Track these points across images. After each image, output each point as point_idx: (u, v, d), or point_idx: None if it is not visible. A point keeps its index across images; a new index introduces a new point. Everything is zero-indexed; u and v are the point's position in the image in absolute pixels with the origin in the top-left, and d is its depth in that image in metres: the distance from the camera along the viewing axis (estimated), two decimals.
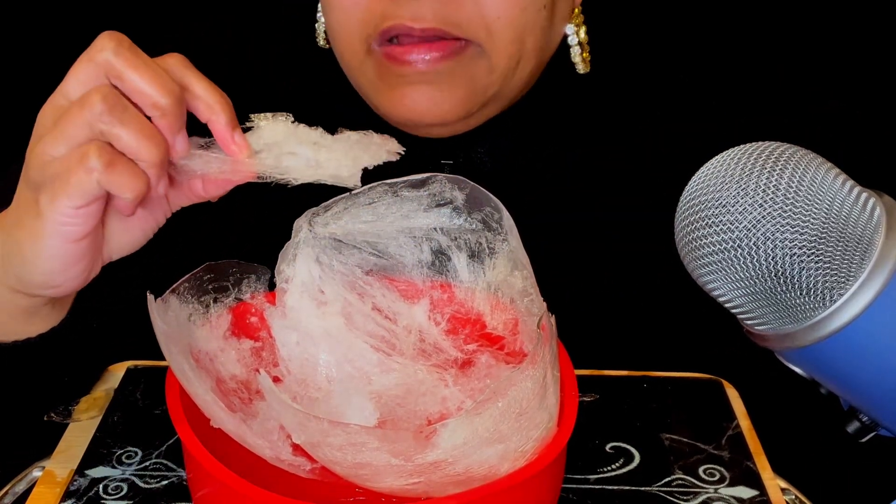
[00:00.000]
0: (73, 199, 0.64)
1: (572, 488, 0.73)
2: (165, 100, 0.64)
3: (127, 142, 0.63)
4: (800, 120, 0.93)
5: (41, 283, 0.69)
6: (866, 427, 0.63)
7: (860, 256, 0.58)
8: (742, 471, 0.75)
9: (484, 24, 0.81)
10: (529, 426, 0.62)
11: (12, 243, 0.68)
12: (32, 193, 0.66)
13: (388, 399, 0.73)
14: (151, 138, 0.64)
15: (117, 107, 0.63)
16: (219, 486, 0.62)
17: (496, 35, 0.81)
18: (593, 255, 0.91)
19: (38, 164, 0.65)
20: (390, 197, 0.73)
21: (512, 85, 0.86)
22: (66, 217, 0.65)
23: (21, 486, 0.76)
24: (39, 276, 0.68)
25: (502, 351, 0.74)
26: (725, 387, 0.83)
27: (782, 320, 0.60)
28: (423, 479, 0.61)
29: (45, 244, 0.66)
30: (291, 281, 0.74)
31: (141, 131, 0.63)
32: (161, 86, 0.64)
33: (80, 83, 0.65)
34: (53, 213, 0.64)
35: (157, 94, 0.64)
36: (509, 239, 0.72)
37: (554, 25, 0.86)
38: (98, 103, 0.63)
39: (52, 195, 0.64)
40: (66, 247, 0.66)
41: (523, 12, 0.81)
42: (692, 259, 0.61)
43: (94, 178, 0.63)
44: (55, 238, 0.66)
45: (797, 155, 0.60)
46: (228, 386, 0.71)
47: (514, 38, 0.82)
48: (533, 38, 0.84)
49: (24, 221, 0.67)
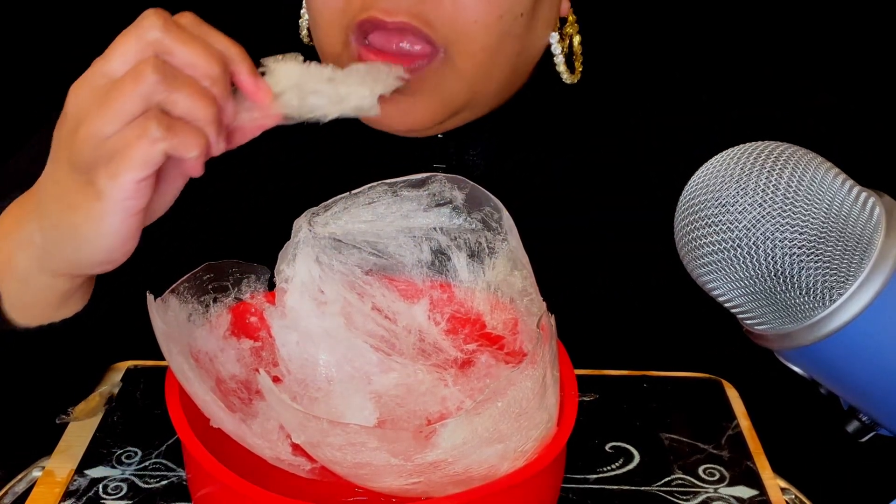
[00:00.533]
0: (137, 173, 0.65)
1: (572, 488, 0.73)
2: (216, 69, 0.66)
3: (184, 106, 0.65)
4: (790, 114, 0.92)
5: (101, 260, 0.69)
6: (866, 427, 0.63)
7: (860, 256, 0.58)
8: (742, 470, 0.75)
9: (456, 27, 0.79)
10: (529, 426, 0.62)
11: (66, 228, 0.68)
12: (82, 176, 0.66)
13: (387, 399, 0.73)
14: (205, 97, 0.66)
15: (169, 75, 0.64)
16: (219, 486, 0.62)
17: (467, 40, 0.80)
18: (593, 255, 0.91)
19: (89, 146, 0.65)
20: (390, 196, 0.73)
21: (485, 92, 0.84)
22: (128, 192, 0.65)
23: (21, 485, 0.76)
24: (100, 254, 0.69)
25: (502, 351, 0.74)
26: (725, 386, 0.83)
27: (782, 320, 0.60)
28: (423, 478, 0.61)
29: (108, 222, 0.66)
30: (291, 281, 0.74)
31: (195, 93, 0.65)
32: (210, 56, 0.66)
33: (125, 61, 0.65)
34: (116, 189, 0.65)
35: (209, 65, 0.66)
36: (509, 238, 0.72)
37: (534, 32, 0.84)
38: (151, 74, 0.64)
39: (113, 173, 0.65)
40: (129, 221, 0.67)
41: (500, 19, 0.80)
42: (692, 259, 0.61)
43: (159, 147, 0.64)
44: (118, 215, 0.66)
45: (797, 154, 0.59)
46: (228, 386, 0.71)
47: (485, 44, 0.80)
48: (507, 46, 0.82)
49: (80, 205, 0.67)
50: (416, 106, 0.82)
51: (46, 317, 0.74)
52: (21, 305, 0.73)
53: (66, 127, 0.67)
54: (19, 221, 0.72)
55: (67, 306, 0.74)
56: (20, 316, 0.73)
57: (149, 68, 0.64)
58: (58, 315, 0.74)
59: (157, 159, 0.65)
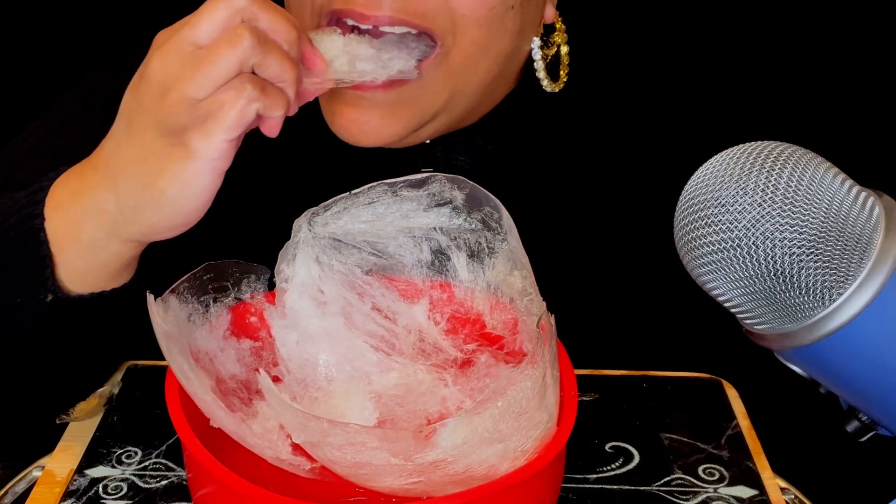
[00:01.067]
0: (231, 132, 0.68)
1: (572, 488, 0.73)
2: (294, 34, 0.70)
3: (274, 68, 0.69)
4: (781, 117, 0.93)
5: (180, 223, 0.72)
6: (866, 426, 0.63)
7: (859, 256, 0.58)
8: (741, 470, 0.75)
9: (450, 17, 0.79)
10: (529, 426, 0.62)
11: (152, 192, 0.70)
12: (172, 139, 0.69)
13: (387, 399, 0.73)
14: (289, 60, 0.70)
15: (262, 39, 0.68)
16: (219, 486, 0.62)
17: (460, 32, 0.79)
18: (592, 256, 0.91)
19: (183, 109, 0.68)
20: (390, 197, 0.73)
21: (466, 91, 0.83)
22: (220, 151, 0.68)
23: (21, 485, 0.76)
24: (181, 216, 0.71)
25: (502, 350, 0.74)
26: (725, 386, 0.83)
27: (781, 320, 0.60)
28: (423, 478, 0.61)
29: (197, 182, 0.69)
30: (291, 281, 0.74)
31: (282, 56, 0.69)
32: (289, 21, 0.70)
33: (213, 29, 0.68)
34: (209, 149, 0.68)
35: (288, 31, 0.70)
36: (509, 238, 0.72)
37: (523, 31, 0.84)
38: (248, 38, 0.67)
39: (207, 133, 0.68)
40: (215, 182, 0.70)
41: (491, 11, 0.79)
42: (691, 258, 0.61)
43: (253, 107, 0.68)
44: (207, 175, 0.69)
45: (796, 154, 0.59)
46: (228, 386, 0.71)
47: (477, 37, 0.80)
48: (499, 42, 0.82)
49: (167, 167, 0.69)
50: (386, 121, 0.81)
51: (100, 285, 0.75)
52: (79, 273, 0.74)
53: (150, 93, 0.69)
54: (83, 193, 0.73)
55: (122, 276, 0.76)
56: (75, 284, 0.74)
57: (245, 32, 0.67)
58: (111, 284, 0.75)
59: (250, 119, 0.68)
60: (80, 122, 0.90)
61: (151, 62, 0.69)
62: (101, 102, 0.89)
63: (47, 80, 1.34)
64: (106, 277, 0.75)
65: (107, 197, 0.72)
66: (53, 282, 0.74)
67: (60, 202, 0.74)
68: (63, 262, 0.74)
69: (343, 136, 0.83)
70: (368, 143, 0.82)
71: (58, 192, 0.74)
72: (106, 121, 0.77)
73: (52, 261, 0.73)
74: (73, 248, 0.73)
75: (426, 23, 0.78)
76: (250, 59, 0.68)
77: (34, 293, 0.74)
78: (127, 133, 0.71)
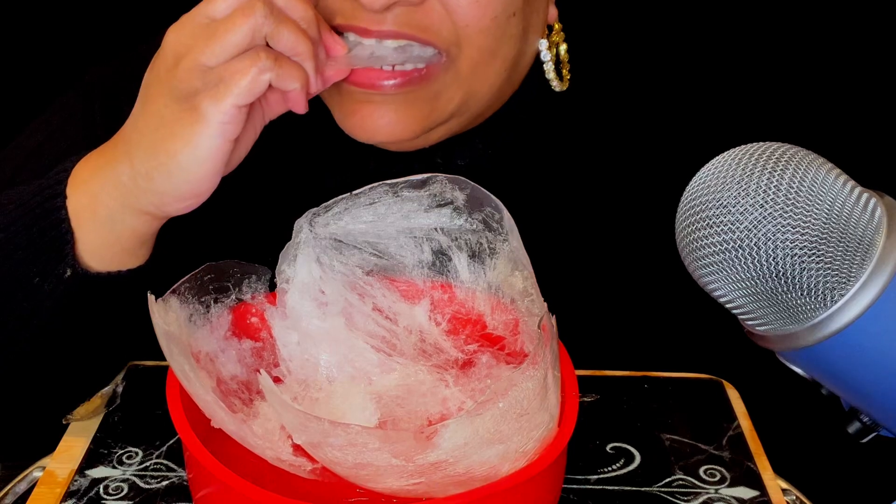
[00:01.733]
0: (241, 98, 0.70)
1: (573, 489, 0.73)
2: (310, 13, 0.74)
3: (287, 40, 0.72)
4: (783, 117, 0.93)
5: (188, 192, 0.73)
6: (867, 428, 0.63)
7: (861, 257, 0.58)
8: (743, 471, 0.75)
9: (453, 29, 0.79)
10: (530, 426, 0.62)
11: (163, 156, 0.72)
12: (184, 104, 0.71)
13: (388, 399, 0.73)
14: (304, 33, 0.73)
15: (275, 10, 0.71)
16: (219, 487, 0.62)
17: (465, 42, 0.79)
18: (593, 257, 0.91)
19: (195, 75, 0.70)
20: (391, 197, 0.73)
21: (477, 95, 0.83)
22: (229, 115, 0.70)
23: (22, 485, 0.76)
24: (191, 184, 0.73)
25: (503, 351, 0.74)
26: (726, 387, 0.83)
27: (783, 321, 0.60)
28: (424, 479, 0.61)
29: (206, 145, 0.71)
30: (292, 281, 0.74)
31: (296, 30, 0.72)
32: (306, 2, 0.73)
33: (229, 5, 0.71)
34: (218, 111, 0.70)
35: (304, 9, 0.73)
36: (510, 239, 0.72)
37: (527, 35, 0.84)
38: (261, 9, 0.70)
39: (216, 97, 0.70)
40: (225, 146, 0.72)
41: (494, 20, 0.79)
42: (693, 259, 0.61)
43: (266, 76, 0.70)
44: (216, 138, 0.71)
45: (798, 155, 0.59)
46: (229, 386, 0.71)
47: (483, 45, 0.80)
48: (505, 48, 0.82)
49: (179, 131, 0.71)
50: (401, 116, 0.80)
51: (117, 263, 0.76)
52: (97, 249, 0.75)
53: (164, 64, 0.72)
54: (102, 167, 0.75)
55: (137, 255, 0.77)
56: (94, 260, 0.76)
57: (259, 3, 0.70)
58: (128, 263, 0.77)
59: (261, 88, 0.71)
60: (80, 120, 0.90)
61: (168, 36, 0.72)
62: (101, 101, 0.89)
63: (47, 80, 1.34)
64: (122, 254, 0.76)
65: (122, 169, 0.74)
66: (73, 257, 0.75)
67: (82, 180, 0.75)
68: (82, 238, 0.75)
69: (357, 134, 0.82)
70: (382, 139, 0.82)
71: (80, 170, 0.76)
72: (106, 119, 0.77)
73: (72, 237, 0.75)
74: (90, 222, 0.75)
75: (429, 36, 0.78)
76: (262, 28, 0.70)
77: (53, 269, 0.75)
78: (143, 106, 0.74)
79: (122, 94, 0.82)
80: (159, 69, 0.72)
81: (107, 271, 0.76)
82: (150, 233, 0.76)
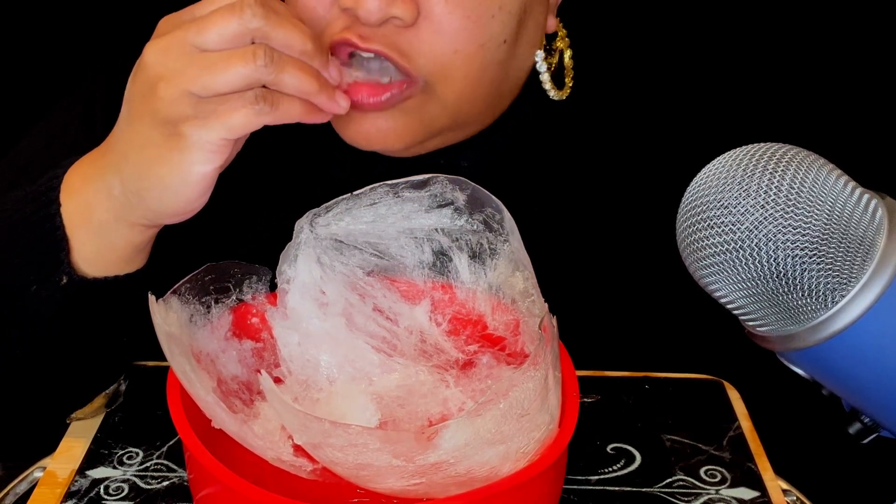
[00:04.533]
0: (232, 133, 0.69)
1: (573, 489, 0.73)
2: (310, 45, 0.71)
3: (290, 86, 0.70)
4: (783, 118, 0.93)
5: (180, 210, 0.73)
6: (868, 428, 0.63)
7: (862, 258, 0.58)
8: (743, 472, 0.75)
9: (435, 58, 0.78)
10: (531, 427, 0.62)
11: (152, 179, 0.71)
12: (170, 128, 0.69)
13: (389, 400, 0.73)
14: (307, 70, 0.71)
15: (276, 60, 0.69)
16: (220, 487, 0.62)
17: (447, 71, 0.79)
18: (594, 257, 0.91)
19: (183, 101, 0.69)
20: (391, 198, 0.73)
21: (468, 116, 0.83)
22: (217, 146, 0.69)
23: (22, 486, 0.76)
24: (180, 203, 0.72)
25: (503, 352, 0.74)
26: (726, 388, 0.83)
27: (784, 321, 0.60)
28: (425, 479, 0.61)
29: (195, 171, 0.70)
30: (293, 282, 0.74)
31: (299, 71, 0.70)
32: (304, 35, 0.71)
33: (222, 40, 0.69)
34: (208, 142, 0.69)
35: (304, 44, 0.70)
36: (510, 240, 0.72)
37: (518, 55, 0.83)
38: (262, 57, 0.68)
39: (206, 127, 0.69)
40: (214, 173, 0.71)
41: (481, 48, 0.79)
42: (694, 260, 0.61)
43: (262, 119, 0.69)
44: (206, 165, 0.70)
45: (799, 156, 0.59)
46: (230, 387, 0.71)
47: (466, 74, 0.79)
48: (489, 74, 0.81)
49: (165, 156, 0.70)
50: (394, 125, 0.80)
51: (113, 269, 0.76)
52: (92, 256, 0.75)
53: (147, 83, 0.70)
54: (94, 177, 0.74)
55: (134, 261, 0.76)
56: (88, 267, 0.75)
57: (260, 52, 0.68)
58: (124, 269, 0.76)
59: (256, 126, 0.70)
60: (81, 123, 0.90)
61: (149, 53, 0.70)
62: (102, 102, 0.89)
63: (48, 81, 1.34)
64: (118, 261, 0.76)
65: (113, 181, 0.73)
66: (69, 264, 0.74)
67: (74, 187, 0.75)
68: (77, 245, 0.75)
69: (353, 142, 0.82)
70: (377, 147, 0.82)
71: (72, 177, 0.76)
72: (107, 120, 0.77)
73: (67, 244, 0.74)
74: (84, 230, 0.74)
75: (407, 63, 0.78)
76: (262, 77, 0.68)
77: (50, 276, 0.74)
78: (128, 119, 0.72)
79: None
80: (142, 87, 0.71)
81: (103, 277, 0.75)
82: (144, 241, 0.76)
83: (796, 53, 1.33)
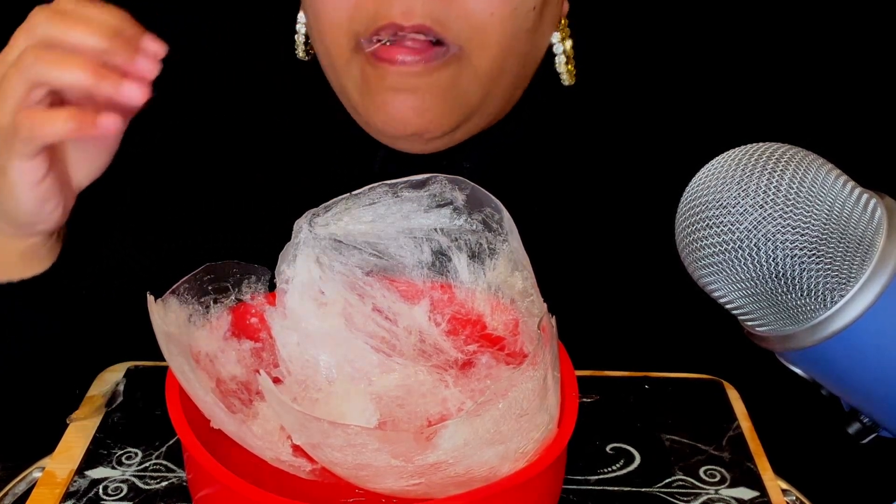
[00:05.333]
0: (23, 156, 0.73)
1: (573, 489, 0.73)
2: (104, 42, 0.71)
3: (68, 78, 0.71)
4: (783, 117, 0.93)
5: (27, 222, 0.77)
6: (867, 428, 0.63)
7: (861, 258, 0.58)
8: (743, 472, 0.75)
9: (471, 24, 0.80)
10: (530, 427, 0.62)
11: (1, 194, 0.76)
12: None
13: (388, 400, 0.73)
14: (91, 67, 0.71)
15: (43, 54, 0.71)
16: (219, 487, 0.62)
17: (483, 36, 0.80)
18: (593, 257, 0.91)
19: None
20: (390, 197, 0.73)
21: (496, 92, 0.84)
22: (23, 167, 0.73)
23: (21, 486, 0.76)
24: (24, 216, 0.77)
25: (503, 352, 0.74)
26: (726, 387, 0.83)
27: (783, 321, 0.60)
28: (424, 480, 0.61)
29: (16, 191, 0.75)
30: (292, 281, 0.74)
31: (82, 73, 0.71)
32: (94, 31, 0.71)
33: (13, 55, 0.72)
34: (11, 166, 0.74)
35: (95, 40, 0.71)
36: (510, 239, 0.72)
37: (541, 30, 0.85)
38: (29, 57, 0.71)
39: (9, 152, 0.73)
40: (35, 190, 0.75)
41: (514, 12, 0.80)
42: (693, 260, 0.61)
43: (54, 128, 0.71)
44: (21, 185, 0.74)
45: (798, 156, 0.59)
46: (228, 387, 0.71)
47: (500, 39, 0.81)
48: (520, 42, 0.83)
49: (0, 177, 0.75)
50: (429, 105, 0.81)
51: (16, 273, 0.80)
52: None
53: None
54: None
55: (29, 266, 0.80)
56: None
57: (27, 53, 0.71)
58: (19, 274, 0.80)
59: (52, 135, 0.72)
60: None
61: None
62: None
63: None
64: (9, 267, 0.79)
65: None
66: None
67: None
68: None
69: (386, 127, 0.83)
70: (413, 130, 0.82)
71: None
72: None
73: None
74: None
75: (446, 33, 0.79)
76: (37, 76, 0.70)
77: None
78: None
79: None
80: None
81: (6, 281, 0.79)
82: (35, 248, 0.80)
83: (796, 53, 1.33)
